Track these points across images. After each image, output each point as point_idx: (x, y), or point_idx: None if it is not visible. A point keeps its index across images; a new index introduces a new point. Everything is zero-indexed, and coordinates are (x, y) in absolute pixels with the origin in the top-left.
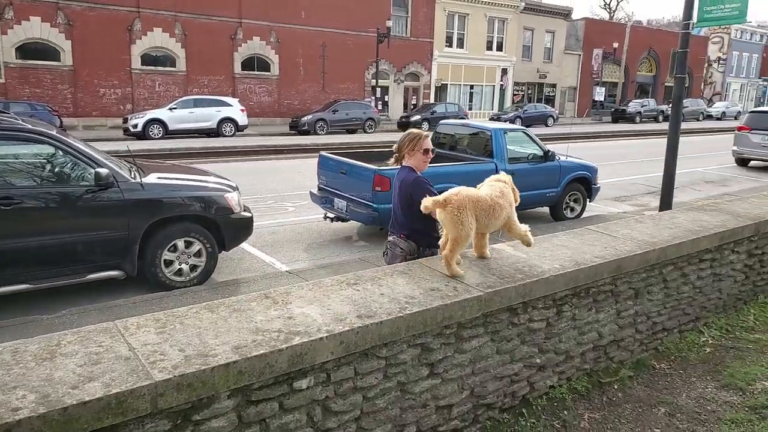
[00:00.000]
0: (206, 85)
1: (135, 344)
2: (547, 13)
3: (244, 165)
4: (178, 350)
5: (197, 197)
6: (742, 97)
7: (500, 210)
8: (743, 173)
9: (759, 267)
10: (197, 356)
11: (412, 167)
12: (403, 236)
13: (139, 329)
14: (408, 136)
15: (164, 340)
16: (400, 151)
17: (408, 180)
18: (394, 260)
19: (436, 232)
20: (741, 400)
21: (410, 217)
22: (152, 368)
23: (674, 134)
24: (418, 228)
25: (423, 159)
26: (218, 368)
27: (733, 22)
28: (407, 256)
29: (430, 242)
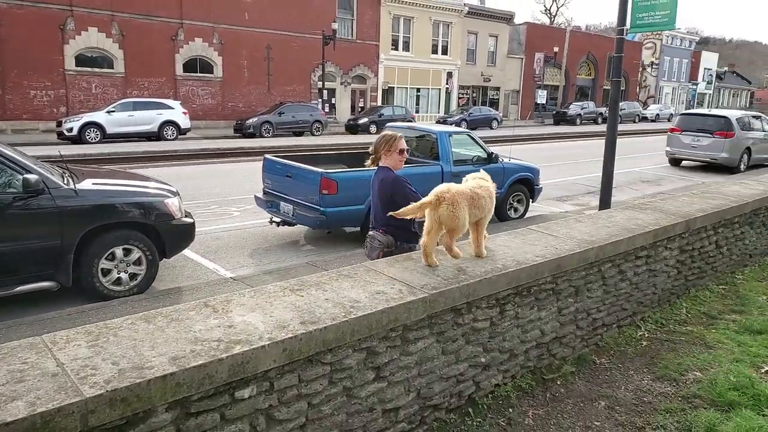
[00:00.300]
0: (146, 88)
1: (64, 359)
2: (490, 17)
3: (187, 169)
4: (112, 364)
5: (136, 203)
6: (674, 100)
7: (483, 202)
8: (676, 172)
9: (690, 262)
10: (132, 369)
11: (389, 167)
12: (382, 231)
13: (68, 343)
14: (383, 138)
15: (96, 354)
16: (377, 152)
17: (388, 179)
18: (372, 253)
19: (414, 227)
20: (675, 391)
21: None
22: (82, 384)
23: (612, 135)
24: (396, 224)
25: (399, 158)
26: (155, 381)
27: (663, 29)
28: (384, 249)
29: (407, 237)
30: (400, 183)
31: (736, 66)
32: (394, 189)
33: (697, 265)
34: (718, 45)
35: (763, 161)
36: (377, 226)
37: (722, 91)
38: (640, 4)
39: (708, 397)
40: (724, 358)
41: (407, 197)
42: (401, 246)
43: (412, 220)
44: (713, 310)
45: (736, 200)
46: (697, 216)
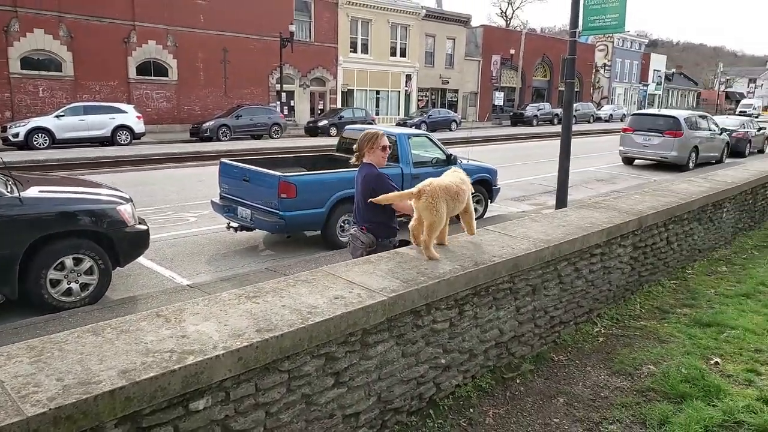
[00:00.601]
0: (98, 91)
1: (3, 377)
2: (447, 20)
3: (141, 175)
4: (56, 380)
5: (86, 211)
6: (626, 101)
7: (463, 194)
8: (629, 171)
9: (643, 259)
10: (78, 385)
11: (372, 164)
12: (364, 229)
13: (9, 360)
14: (366, 136)
15: (39, 370)
16: (361, 150)
17: (371, 175)
18: (355, 252)
19: (395, 223)
20: (630, 385)
21: (372, 211)
22: (24, 402)
23: (566, 136)
24: (378, 220)
25: (382, 155)
26: (102, 396)
27: (614, 31)
28: (367, 248)
29: (388, 233)
30: (382, 179)
31: (683, 68)
32: (377, 185)
33: (649, 261)
34: (666, 47)
35: (709, 159)
36: (359, 222)
37: (671, 92)
38: (591, 8)
39: (661, 390)
40: (676, 351)
41: (390, 192)
42: (382, 243)
43: (392, 216)
44: (665, 305)
45: (685, 197)
46: (648, 213)
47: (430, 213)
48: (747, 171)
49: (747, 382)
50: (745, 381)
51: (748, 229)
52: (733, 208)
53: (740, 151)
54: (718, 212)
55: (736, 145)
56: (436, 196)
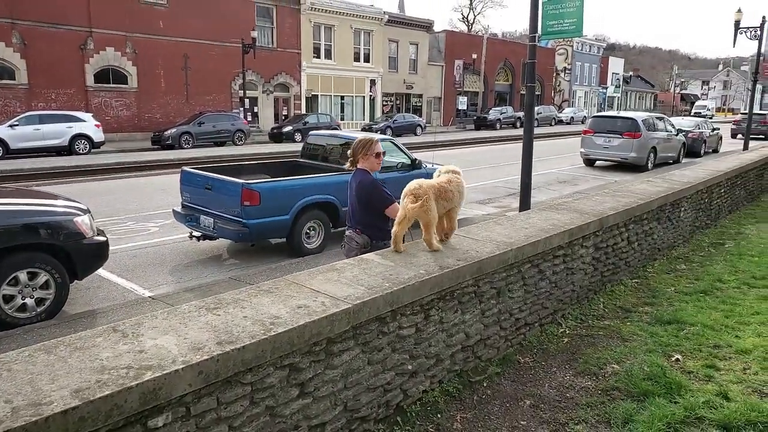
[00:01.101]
0: (54, 100)
1: None
2: (409, 25)
3: (101, 184)
4: (4, 402)
5: (41, 223)
6: (586, 104)
7: (449, 193)
8: (590, 172)
9: (605, 259)
10: (28, 406)
11: (366, 170)
12: (358, 231)
13: None
14: (360, 143)
15: None
16: (355, 156)
17: (366, 182)
18: (350, 253)
19: (388, 226)
20: (595, 384)
21: (367, 215)
22: None
23: (528, 139)
24: (372, 223)
25: (376, 161)
26: (54, 417)
27: (572, 36)
28: (362, 249)
29: (382, 235)
30: (377, 187)
31: (640, 70)
32: (373, 192)
33: (611, 261)
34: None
35: (667, 159)
36: (354, 225)
37: (629, 94)
38: (550, 13)
39: (625, 389)
40: (639, 349)
41: (383, 200)
42: (377, 245)
43: (387, 219)
44: (628, 304)
45: (644, 198)
46: (609, 214)
47: (425, 213)
48: (703, 171)
49: (707, 378)
50: (705, 377)
51: (705, 227)
52: (690, 207)
53: (696, 151)
54: (676, 211)
55: (692, 145)
56: (427, 197)
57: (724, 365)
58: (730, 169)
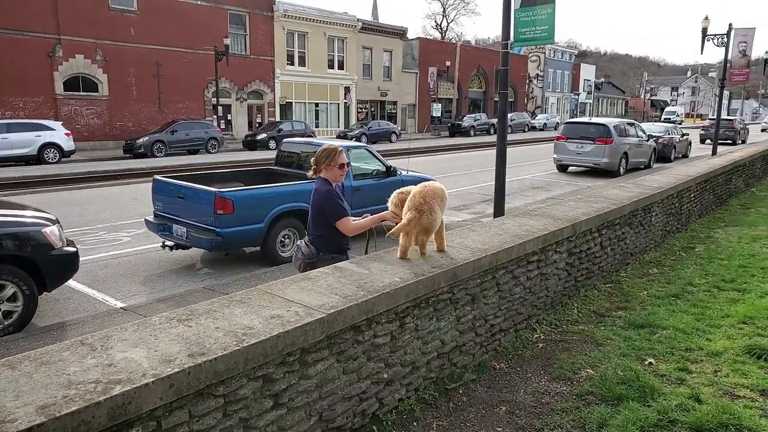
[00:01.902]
0: (22, 108)
1: None
2: (383, 32)
3: (71, 194)
4: None
5: (7, 234)
6: (559, 110)
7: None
8: (564, 178)
9: (578, 264)
10: None
11: (327, 179)
12: (308, 241)
13: None
14: (324, 152)
15: None
16: (318, 165)
17: (321, 191)
18: (295, 263)
19: (345, 241)
20: (569, 389)
21: (318, 225)
22: None
23: (502, 145)
24: (323, 235)
25: (339, 173)
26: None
27: (544, 42)
28: (306, 260)
29: (331, 248)
30: (331, 197)
31: (611, 77)
32: (325, 201)
33: (584, 266)
34: (594, 57)
35: (638, 165)
36: (307, 234)
37: (601, 101)
38: (522, 20)
39: (599, 393)
40: (613, 353)
41: (336, 211)
42: (323, 257)
43: (338, 232)
44: (601, 308)
45: (616, 203)
46: (582, 219)
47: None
48: (673, 176)
49: (679, 381)
50: (678, 380)
51: (676, 232)
52: (661, 212)
53: (666, 156)
54: (648, 216)
55: (663, 150)
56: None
57: (696, 368)
58: (699, 173)
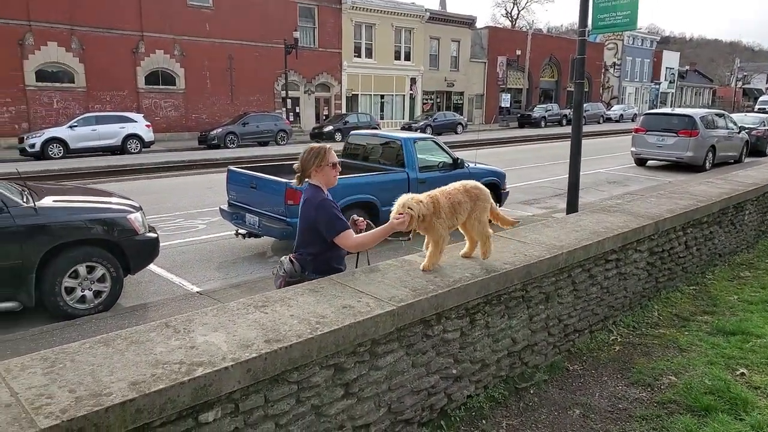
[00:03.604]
0: (109, 101)
1: (18, 388)
2: (451, 22)
3: (151, 183)
4: (68, 391)
5: (98, 219)
6: (637, 100)
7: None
8: (642, 173)
9: (660, 264)
10: (90, 396)
11: (318, 185)
12: (294, 257)
13: (23, 371)
14: (311, 152)
15: (52, 381)
16: (306, 170)
17: (312, 201)
18: (276, 281)
19: (336, 261)
20: (649, 396)
21: (308, 242)
22: (37, 414)
23: (577, 137)
24: (313, 253)
25: (332, 173)
26: (113, 408)
27: (625, 29)
28: (288, 279)
29: (318, 267)
30: (325, 207)
31: (697, 64)
32: (319, 213)
33: (667, 266)
34: (678, 44)
35: (727, 159)
36: (294, 250)
37: (684, 90)
38: (601, 5)
39: (684, 402)
40: (698, 360)
41: (335, 225)
42: (308, 277)
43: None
44: (685, 312)
45: (704, 200)
46: (665, 217)
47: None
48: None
49: None
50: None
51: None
52: (755, 210)
53: (761, 149)
54: (740, 215)
55: (756, 143)
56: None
57: None
58: None
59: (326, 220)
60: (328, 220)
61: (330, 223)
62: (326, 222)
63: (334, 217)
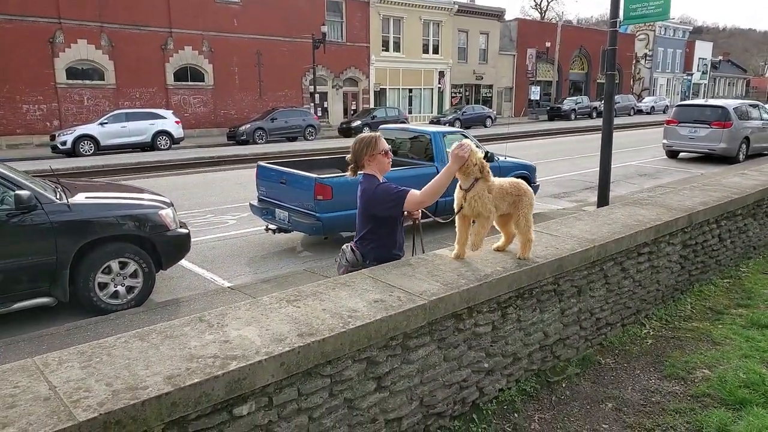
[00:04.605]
0: (138, 98)
1: (56, 382)
2: (480, 14)
3: (181, 179)
4: (105, 385)
5: (130, 216)
6: (668, 92)
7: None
8: (674, 165)
9: (693, 257)
10: (126, 390)
11: (373, 174)
12: (354, 246)
13: (61, 365)
14: (362, 142)
15: (89, 375)
16: (359, 160)
17: (370, 189)
18: (339, 270)
19: (396, 247)
20: (683, 390)
21: (367, 228)
22: (75, 407)
23: (608, 130)
24: (372, 239)
25: (385, 161)
26: (149, 401)
27: (657, 19)
28: (350, 268)
29: (378, 256)
30: (384, 190)
31: (730, 54)
32: (378, 198)
33: (700, 259)
34: (711, 34)
35: (761, 150)
36: (355, 238)
37: (717, 81)
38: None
39: (718, 396)
40: (733, 354)
41: (396, 197)
42: (369, 264)
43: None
44: (718, 305)
45: (738, 191)
46: (699, 209)
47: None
48: None
49: None
50: None
51: None
52: None
53: None
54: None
55: None
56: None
57: None
58: None
59: (389, 197)
60: (389, 197)
61: (393, 198)
62: (390, 200)
63: (393, 190)
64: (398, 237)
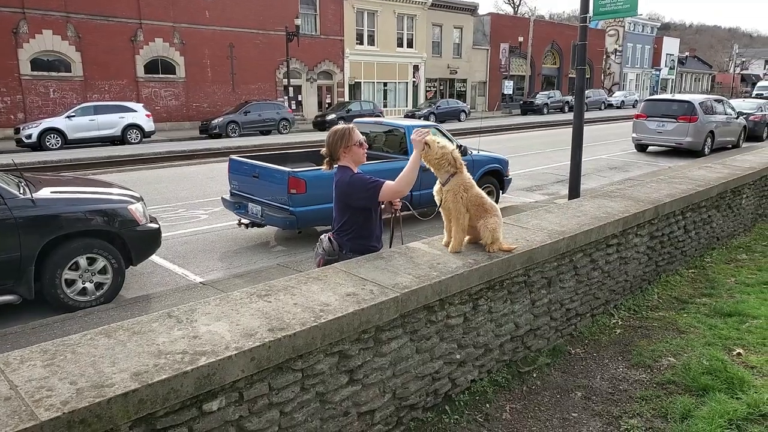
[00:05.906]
0: (107, 91)
1: (17, 381)
2: (454, 9)
3: (152, 173)
4: (69, 383)
5: (98, 210)
6: (638, 87)
7: None
8: (643, 158)
9: (660, 248)
10: (91, 388)
11: (348, 165)
12: (331, 236)
13: (22, 364)
14: (336, 134)
15: (53, 374)
16: (335, 153)
17: (344, 180)
18: (315, 258)
19: (373, 239)
20: (649, 377)
21: (343, 219)
22: (37, 407)
23: (578, 124)
24: (348, 231)
25: (360, 152)
26: (116, 399)
27: (626, 15)
28: (326, 257)
29: (354, 246)
30: (358, 180)
31: (696, 51)
32: (353, 189)
33: (666, 250)
34: (678, 30)
35: (725, 144)
36: (333, 229)
37: (684, 76)
38: None
39: (682, 383)
40: (697, 342)
41: (370, 188)
42: (345, 255)
43: (368, 226)
44: (684, 295)
45: (703, 184)
46: (665, 201)
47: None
48: (766, 155)
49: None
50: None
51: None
52: (752, 194)
53: (758, 134)
54: (737, 199)
55: (754, 128)
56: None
57: None
58: None
59: (363, 188)
60: (364, 187)
61: (367, 189)
62: (364, 190)
63: (368, 181)
64: (375, 229)
